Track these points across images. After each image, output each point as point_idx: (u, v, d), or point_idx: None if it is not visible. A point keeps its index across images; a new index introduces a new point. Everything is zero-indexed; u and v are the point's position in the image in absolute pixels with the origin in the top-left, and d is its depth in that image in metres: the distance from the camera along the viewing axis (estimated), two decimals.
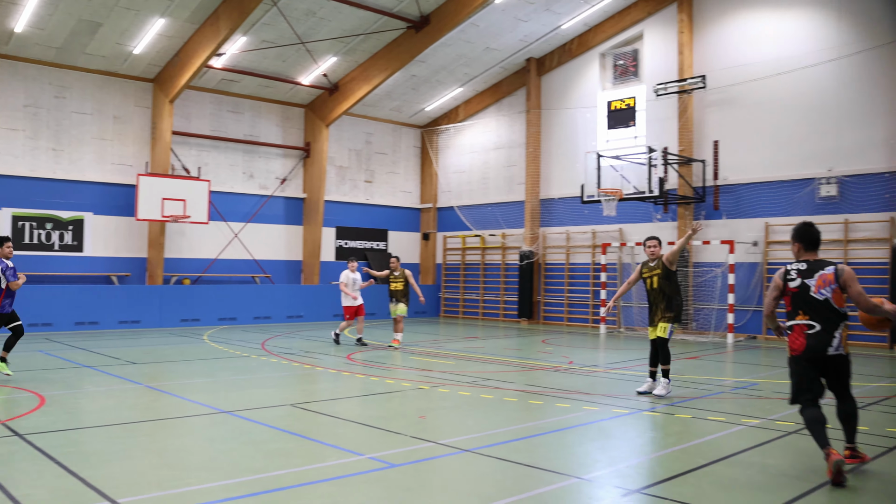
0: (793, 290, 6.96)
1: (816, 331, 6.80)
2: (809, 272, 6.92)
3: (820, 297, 6.84)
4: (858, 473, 6.74)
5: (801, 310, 6.88)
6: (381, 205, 29.79)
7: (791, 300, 6.98)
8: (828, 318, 6.80)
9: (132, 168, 23.09)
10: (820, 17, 20.30)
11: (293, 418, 9.16)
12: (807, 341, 6.81)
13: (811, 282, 6.88)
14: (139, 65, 22.61)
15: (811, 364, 6.84)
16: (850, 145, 19.65)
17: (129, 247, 23.10)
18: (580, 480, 6.49)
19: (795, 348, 6.88)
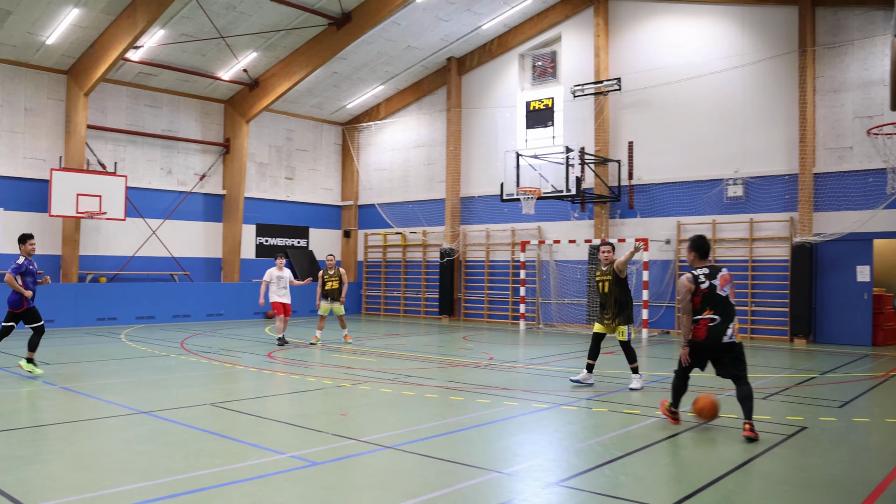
0: (704, 290, 8.31)
1: (716, 323, 8.24)
2: (713, 275, 8.37)
3: (723, 293, 8.31)
4: (763, 457, 7.05)
5: (709, 306, 8.27)
6: (302, 202, 29.59)
7: (702, 299, 8.30)
8: (726, 311, 8.28)
9: (45, 162, 22.43)
10: (726, 26, 21.13)
11: (213, 418, 9.08)
12: (708, 332, 8.26)
13: (716, 282, 8.32)
14: (52, 56, 21.95)
15: (706, 350, 8.38)
16: (754, 148, 20.49)
17: (42, 243, 22.31)
18: (501, 474, 6.62)
19: (699, 336, 8.31)
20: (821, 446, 7.85)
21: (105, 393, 10.65)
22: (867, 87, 19.03)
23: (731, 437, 8.14)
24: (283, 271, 17.49)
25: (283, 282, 17.39)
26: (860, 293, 18.98)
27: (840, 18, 19.45)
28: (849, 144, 19.24)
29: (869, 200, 18.79)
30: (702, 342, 8.33)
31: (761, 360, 15.80)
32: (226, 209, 26.81)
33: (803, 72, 19.58)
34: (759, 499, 6.05)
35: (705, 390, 11.14)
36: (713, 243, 20.96)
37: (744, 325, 20.53)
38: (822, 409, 9.86)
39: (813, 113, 19.56)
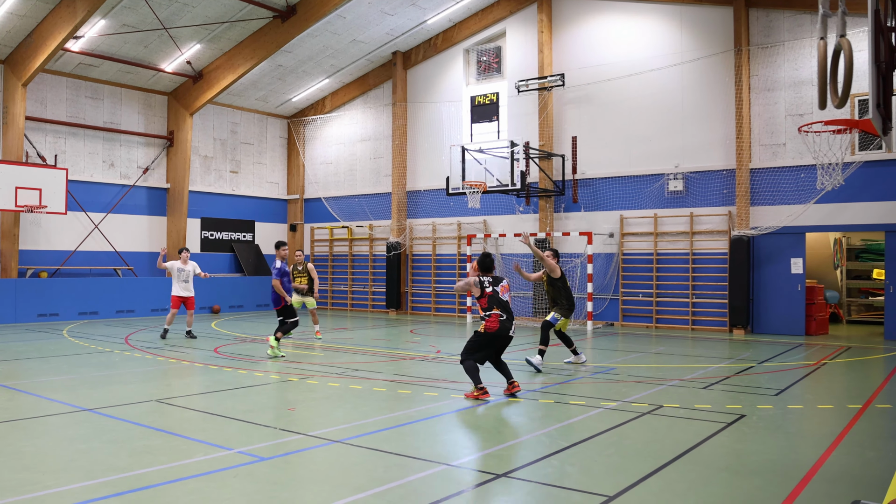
0: (489, 293, 10.33)
1: (504, 319, 10.25)
2: (496, 283, 10.44)
3: (504, 298, 10.40)
4: (704, 444, 7.24)
5: (496, 306, 10.24)
6: (248, 196, 29.33)
7: (488, 300, 10.29)
8: (508, 312, 10.33)
9: None
10: (665, 25, 21.55)
11: (158, 414, 9.00)
12: (500, 325, 10.19)
13: (498, 289, 10.40)
14: None
15: (495, 339, 10.28)
16: (693, 144, 20.94)
17: None
18: (449, 467, 6.70)
19: (493, 328, 10.19)
20: (758, 433, 8.09)
21: (46, 390, 10.48)
22: (798, 86, 19.58)
23: (674, 426, 8.34)
24: (188, 265, 17.51)
25: (185, 275, 17.41)
26: (794, 285, 19.50)
27: (772, 20, 19.97)
28: (782, 141, 19.77)
29: (801, 195, 19.33)
30: (495, 332, 10.19)
31: (702, 350, 16.15)
32: (170, 203, 26.44)
33: (739, 70, 20.06)
34: (700, 485, 6.22)
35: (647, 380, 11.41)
36: (655, 237, 21.35)
37: (685, 316, 20.94)
38: (760, 398, 10.14)
39: (748, 110, 20.06)
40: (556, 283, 13.17)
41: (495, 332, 10.18)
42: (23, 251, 22.59)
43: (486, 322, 10.18)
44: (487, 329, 10.17)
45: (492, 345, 10.34)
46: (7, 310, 21.35)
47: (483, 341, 10.29)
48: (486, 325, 10.17)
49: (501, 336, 10.27)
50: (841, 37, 5.82)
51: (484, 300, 10.29)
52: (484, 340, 10.28)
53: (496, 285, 10.38)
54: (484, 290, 10.31)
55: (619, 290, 22.03)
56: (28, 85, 22.12)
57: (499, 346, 10.40)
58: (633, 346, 16.96)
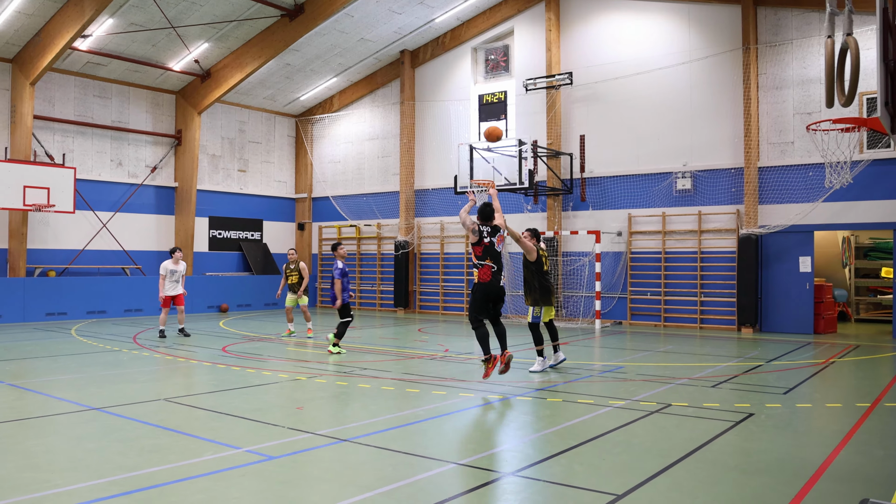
0: (486, 243, 10.63)
1: (495, 270, 10.62)
2: (493, 233, 10.67)
3: (499, 249, 10.70)
4: (713, 443, 7.23)
5: (489, 257, 10.59)
6: (256, 194, 29.38)
7: (483, 250, 10.60)
8: (499, 262, 10.66)
9: None
10: (673, 23, 21.52)
11: (167, 413, 9.01)
12: (491, 276, 10.57)
13: (494, 239, 10.66)
14: None
15: (489, 292, 10.63)
16: (701, 142, 20.90)
17: None
18: (457, 465, 6.71)
19: (485, 279, 10.61)
20: (767, 432, 8.07)
21: (55, 389, 10.52)
22: (806, 84, 19.54)
23: (682, 425, 8.32)
24: (179, 265, 17.67)
25: (177, 275, 17.59)
26: (803, 283, 19.45)
27: (780, 18, 19.93)
28: (790, 139, 19.72)
29: (810, 193, 19.28)
30: (486, 284, 10.57)
31: (710, 348, 16.12)
32: (178, 202, 26.51)
33: (747, 69, 20.01)
34: (708, 484, 6.21)
35: (655, 378, 11.40)
36: (663, 235, 21.31)
37: (693, 314, 20.91)
38: (768, 396, 10.12)
39: (756, 109, 20.01)
40: (531, 267, 12.55)
41: (488, 283, 10.59)
42: (31, 250, 22.67)
43: (479, 272, 10.65)
44: (480, 279, 10.64)
45: (487, 298, 10.70)
46: (15, 309, 21.43)
47: (480, 292, 10.68)
48: (479, 274, 10.65)
49: (493, 288, 10.65)
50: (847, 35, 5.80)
51: (479, 248, 10.64)
52: (480, 293, 10.68)
53: (493, 235, 10.69)
54: (482, 238, 10.65)
55: (628, 289, 22.01)
56: (36, 84, 22.20)
57: (493, 299, 10.72)
58: (641, 344, 16.93)
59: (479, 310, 10.72)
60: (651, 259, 21.74)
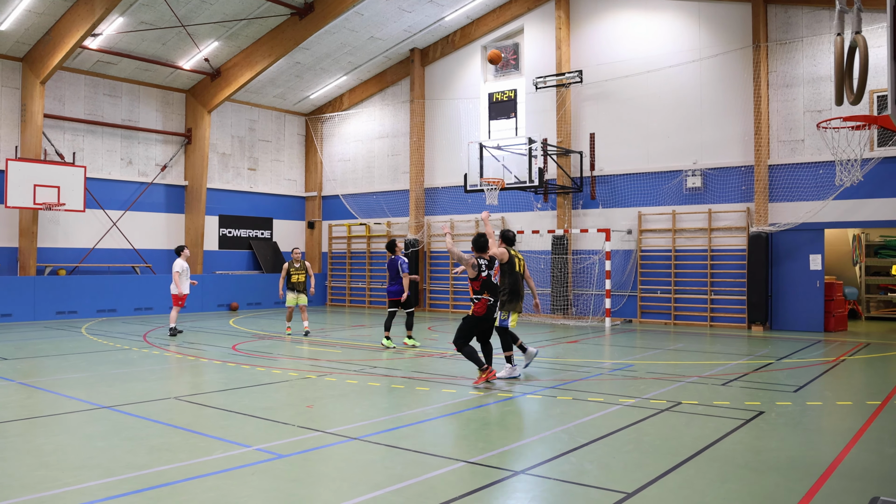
0: (484, 278, 10.75)
1: (491, 304, 10.78)
2: (490, 265, 10.85)
3: (495, 281, 10.89)
4: (723, 441, 7.21)
5: (486, 291, 10.74)
6: (266, 193, 29.43)
7: (481, 284, 10.73)
8: (495, 294, 10.87)
9: (0, 152, 22.06)
10: (683, 21, 21.49)
11: (177, 411, 9.05)
12: (487, 309, 10.76)
13: (491, 272, 10.84)
14: (6, 42, 21.49)
15: (481, 322, 10.82)
16: (711, 140, 20.85)
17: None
18: (467, 464, 6.70)
19: (480, 312, 10.77)
20: (777, 430, 8.05)
21: (65, 388, 10.56)
22: (816, 82, 19.48)
23: (692, 423, 8.30)
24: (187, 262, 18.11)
25: (188, 273, 17.97)
26: (813, 281, 19.39)
27: (790, 16, 19.86)
28: (800, 137, 19.66)
29: (820, 191, 19.22)
30: (481, 317, 10.76)
31: (721, 346, 16.08)
32: (188, 200, 26.58)
33: (757, 67, 19.95)
34: (719, 482, 6.20)
35: (665, 377, 11.38)
36: (673, 233, 21.27)
37: (703, 312, 20.86)
38: (779, 394, 10.09)
39: (767, 106, 19.95)
40: (503, 267, 11.68)
41: (482, 316, 10.78)
42: (41, 249, 22.76)
43: (475, 306, 10.75)
44: (475, 313, 10.75)
45: (478, 327, 10.89)
46: (26, 307, 21.50)
47: (472, 324, 10.84)
48: (475, 308, 10.74)
49: (486, 320, 10.87)
50: (856, 33, 5.77)
51: (477, 283, 10.73)
52: (472, 323, 10.84)
53: (490, 268, 10.83)
54: (480, 273, 10.73)
55: (638, 287, 21.97)
56: (46, 83, 22.28)
57: (484, 328, 10.94)
58: (651, 342, 16.90)
59: (467, 338, 10.89)
60: (661, 257, 21.69)
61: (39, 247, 22.65)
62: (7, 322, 20.88)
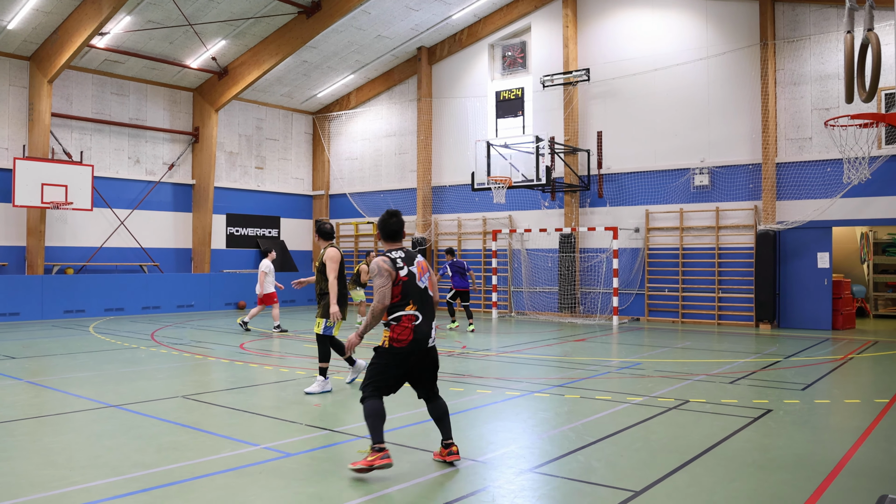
0: (404, 278, 6.50)
1: (419, 323, 6.49)
2: (409, 260, 6.63)
3: (422, 284, 6.64)
4: (731, 439, 7.20)
5: (412, 300, 6.51)
6: (273, 191, 29.46)
7: (402, 290, 6.49)
8: (426, 306, 6.62)
9: (8, 151, 22.09)
10: (690, 19, 21.45)
11: (185, 410, 9.06)
12: (414, 333, 6.44)
13: (414, 269, 6.60)
14: (14, 41, 21.55)
15: (408, 357, 6.48)
16: (719, 138, 20.82)
17: (6, 235, 22.11)
18: (475, 462, 6.71)
19: (402, 339, 6.41)
20: (785, 428, 8.04)
21: (73, 387, 10.58)
22: (824, 80, 19.43)
23: (700, 421, 8.29)
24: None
25: (273, 274, 18.87)
26: (821, 279, 19.35)
27: (798, 14, 19.82)
28: (808, 135, 19.61)
29: (828, 189, 19.18)
30: (406, 347, 6.42)
31: (728, 345, 16.04)
32: (195, 199, 26.62)
33: (765, 65, 19.91)
34: (727, 480, 6.19)
35: (673, 375, 11.35)
36: (681, 232, 21.23)
37: (711, 311, 20.83)
38: (786, 392, 10.07)
39: (774, 104, 19.91)
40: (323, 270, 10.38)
41: (407, 346, 6.43)
42: (49, 248, 22.83)
43: (393, 330, 6.47)
44: (395, 342, 6.44)
45: (401, 367, 6.51)
46: (34, 306, 21.55)
47: (391, 363, 6.48)
48: (393, 334, 6.46)
49: (418, 352, 6.51)
50: (868, 30, 5.75)
51: (397, 289, 6.49)
52: (392, 362, 6.48)
53: (411, 263, 6.63)
54: (398, 272, 6.50)
55: (645, 285, 21.95)
56: (54, 82, 22.34)
57: (419, 368, 6.63)
58: (658, 341, 16.88)
59: (384, 383, 6.54)
60: (668, 255, 21.66)
61: (47, 246, 22.72)
62: (15, 321, 20.95)
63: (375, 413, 6.36)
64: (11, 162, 21.36)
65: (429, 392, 6.76)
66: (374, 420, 6.34)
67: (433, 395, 6.77)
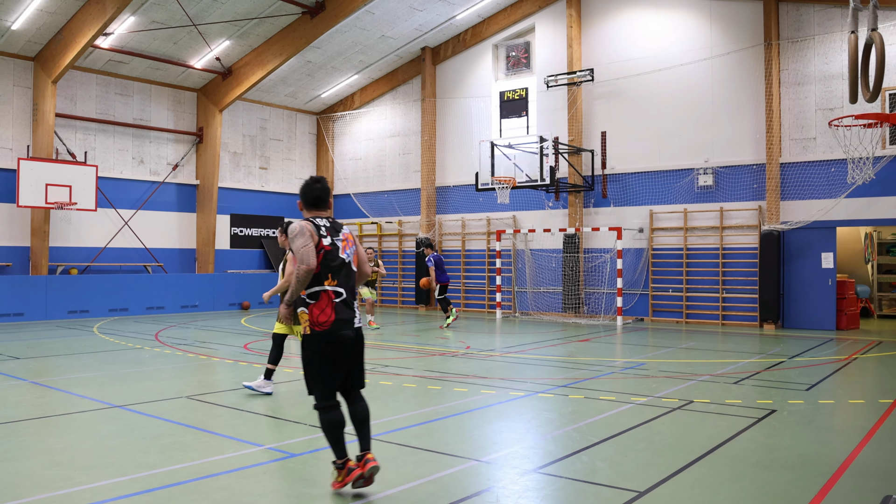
0: (326, 247, 5.80)
1: (343, 298, 5.80)
2: (335, 231, 5.95)
3: (346, 257, 5.91)
4: (735, 440, 7.19)
5: (331, 273, 5.77)
6: (277, 192, 29.48)
7: (322, 260, 5.76)
8: (349, 282, 5.92)
9: (12, 152, 22.12)
10: (695, 19, 21.43)
11: (189, 410, 9.06)
12: (336, 311, 5.72)
13: (338, 241, 5.92)
14: (18, 42, 21.57)
15: (336, 340, 5.72)
16: (723, 138, 20.81)
17: (10, 235, 22.14)
18: (479, 462, 6.70)
19: (324, 321, 5.68)
20: (789, 428, 8.03)
21: (77, 387, 10.59)
22: (828, 80, 19.40)
23: (704, 422, 8.28)
24: None
25: None
26: (825, 279, 19.33)
27: (802, 14, 19.80)
28: (812, 135, 19.59)
29: (832, 189, 19.16)
30: (330, 329, 5.68)
31: (732, 345, 16.02)
32: (199, 199, 26.65)
33: (769, 65, 19.89)
34: (731, 480, 6.18)
35: (677, 375, 11.33)
36: (685, 232, 21.22)
37: (715, 311, 20.80)
38: (791, 392, 10.05)
39: (779, 104, 19.89)
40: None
41: (331, 328, 5.69)
42: (53, 248, 22.85)
43: (312, 312, 5.72)
44: (316, 325, 5.70)
45: (337, 352, 5.75)
46: (38, 306, 21.56)
47: (318, 352, 5.73)
48: (312, 317, 5.71)
49: (342, 340, 5.76)
50: (872, 30, 5.75)
51: (319, 256, 5.75)
52: (320, 351, 5.72)
53: (336, 234, 5.94)
54: (321, 238, 5.80)
55: (649, 286, 21.93)
56: (58, 82, 22.35)
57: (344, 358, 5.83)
58: (662, 341, 16.86)
59: (329, 379, 5.81)
60: (673, 255, 21.64)
61: (51, 246, 22.74)
62: (19, 321, 20.98)
63: (331, 425, 5.77)
64: (16, 162, 21.36)
65: (354, 387, 5.97)
66: (332, 434, 5.78)
67: (357, 394, 5.99)
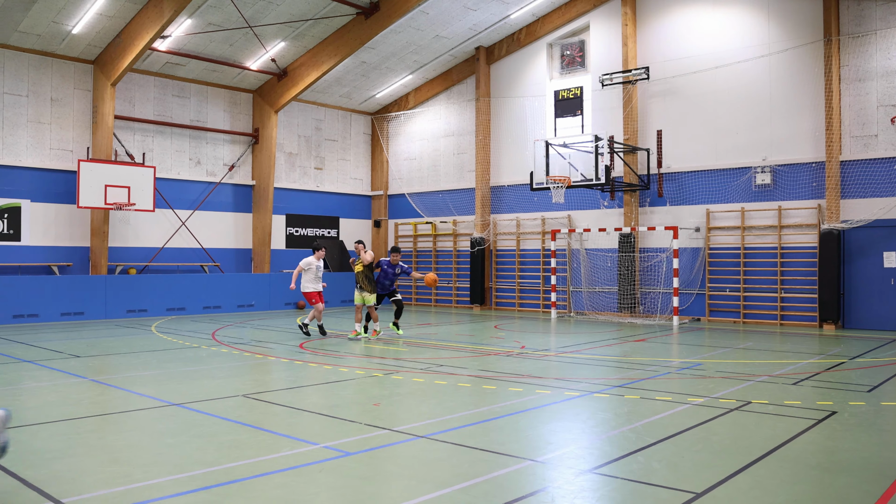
0: None
1: None
2: None
3: None
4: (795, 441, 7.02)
5: None
6: (332, 192, 29.71)
7: None
8: None
9: (72, 153, 22.65)
10: (752, 15, 21.11)
11: (245, 409, 9.14)
12: None
13: None
14: (78, 45, 22.08)
15: None
16: (781, 136, 20.42)
17: (71, 235, 22.66)
18: (534, 462, 6.65)
19: None
20: (850, 430, 7.84)
21: (136, 385, 10.75)
22: (890, 76, 18.95)
23: (762, 423, 8.12)
24: (321, 261, 17.75)
25: (320, 271, 17.67)
26: (887, 279, 18.87)
27: (863, 9, 19.34)
28: (874, 132, 19.12)
29: (894, 187, 18.68)
30: None
31: (791, 345, 15.71)
32: (255, 200, 26.97)
33: (828, 61, 19.47)
34: (790, 483, 6.05)
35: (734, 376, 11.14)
36: (742, 231, 20.89)
37: (773, 311, 20.44)
38: (851, 394, 9.82)
39: (839, 101, 19.46)
40: None
41: None
42: (112, 248, 23.31)
43: None
44: None
45: None
46: (97, 306, 22.00)
47: None
48: None
49: None
50: None
51: None
52: None
53: None
54: None
55: (706, 285, 21.62)
56: (117, 84, 22.80)
57: None
58: (719, 341, 16.61)
59: None
60: (730, 255, 21.31)
61: (110, 246, 23.21)
62: (80, 320, 21.45)
63: None
64: (76, 164, 21.84)
65: None
66: None
67: None
